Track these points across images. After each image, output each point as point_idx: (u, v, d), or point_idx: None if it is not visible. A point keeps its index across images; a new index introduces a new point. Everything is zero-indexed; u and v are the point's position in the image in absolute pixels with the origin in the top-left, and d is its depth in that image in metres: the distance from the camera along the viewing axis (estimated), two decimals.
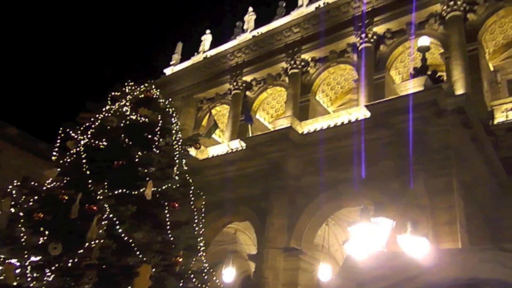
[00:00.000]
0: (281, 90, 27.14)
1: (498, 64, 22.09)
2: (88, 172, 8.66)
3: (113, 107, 9.94)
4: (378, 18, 23.10)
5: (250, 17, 30.25)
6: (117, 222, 8.12)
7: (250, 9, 30.70)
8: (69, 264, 7.85)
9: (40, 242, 8.28)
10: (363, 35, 23.08)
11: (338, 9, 24.43)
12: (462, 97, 15.03)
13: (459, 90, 18.01)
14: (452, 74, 19.17)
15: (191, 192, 9.89)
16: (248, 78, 27.96)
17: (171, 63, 33.52)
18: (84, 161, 8.86)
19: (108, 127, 9.63)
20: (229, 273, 20.57)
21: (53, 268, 7.92)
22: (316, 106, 25.28)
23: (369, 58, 22.59)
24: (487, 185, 17.27)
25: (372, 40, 22.99)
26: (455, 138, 14.65)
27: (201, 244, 9.89)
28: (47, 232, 8.29)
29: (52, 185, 8.98)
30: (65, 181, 9.07)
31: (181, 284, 9.03)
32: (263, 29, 28.13)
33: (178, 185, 9.48)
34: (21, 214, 8.54)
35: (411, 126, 14.40)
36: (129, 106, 9.95)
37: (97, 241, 7.83)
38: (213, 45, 31.77)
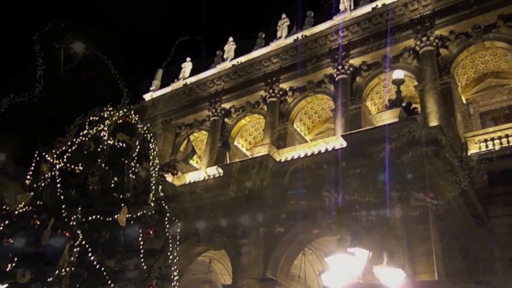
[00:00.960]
0: (260, 118, 27.36)
1: (470, 97, 22.81)
2: (62, 197, 8.45)
3: (91, 131, 9.80)
4: (354, 51, 23.76)
5: (230, 47, 30.71)
6: (89, 249, 7.89)
7: (230, 39, 31.19)
8: None
9: (7, 269, 7.96)
10: (340, 67, 23.63)
11: (316, 41, 25.08)
12: (436, 129, 15.37)
13: (433, 122, 18.46)
14: (426, 106, 19.69)
15: (166, 218, 9.70)
16: (227, 105, 28.14)
17: (151, 88, 33.52)
18: (58, 185, 8.66)
19: (85, 152, 9.46)
20: None
21: None
22: (293, 134, 25.53)
23: (345, 89, 23.07)
24: (462, 216, 17.48)
25: (348, 71, 23.54)
26: (429, 168, 14.87)
27: (175, 273, 9.65)
28: (15, 258, 7.99)
29: (24, 209, 8.72)
30: (37, 205, 8.81)
31: None
32: (243, 59, 28.55)
33: (153, 211, 9.31)
34: None
35: (386, 157, 14.61)
36: (107, 131, 9.82)
37: (67, 269, 7.57)
38: (193, 72, 32.00)
